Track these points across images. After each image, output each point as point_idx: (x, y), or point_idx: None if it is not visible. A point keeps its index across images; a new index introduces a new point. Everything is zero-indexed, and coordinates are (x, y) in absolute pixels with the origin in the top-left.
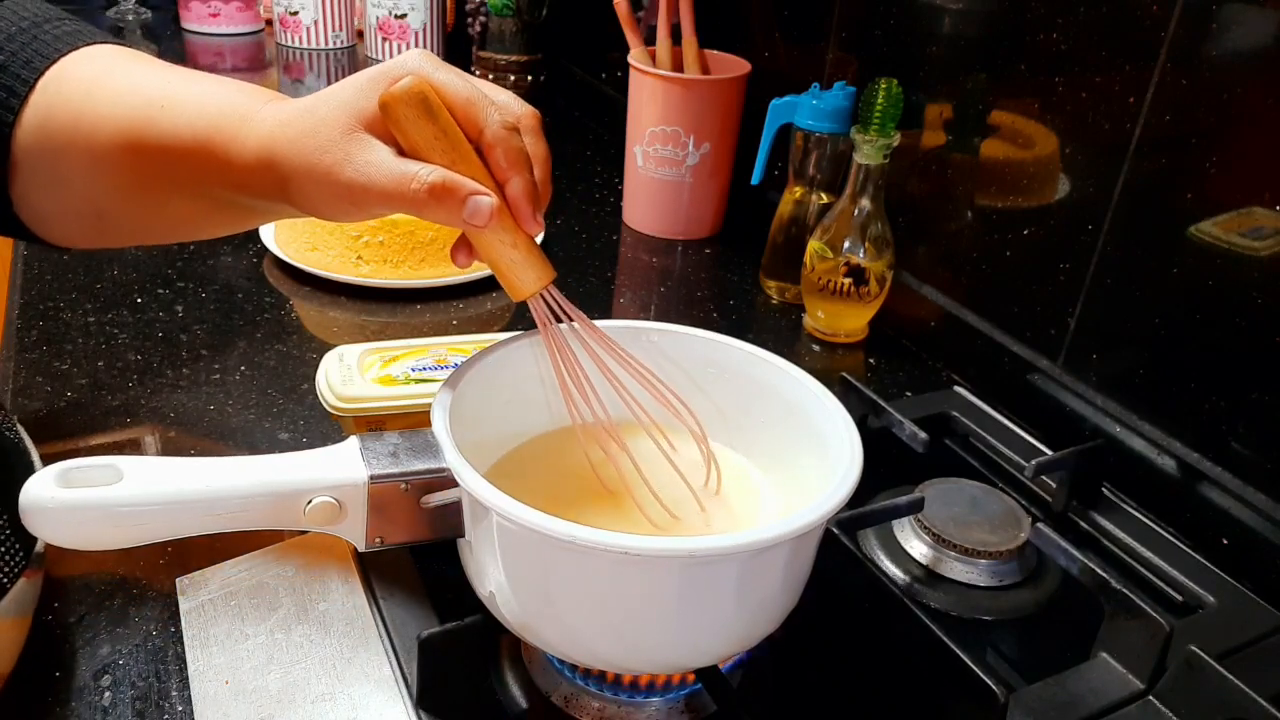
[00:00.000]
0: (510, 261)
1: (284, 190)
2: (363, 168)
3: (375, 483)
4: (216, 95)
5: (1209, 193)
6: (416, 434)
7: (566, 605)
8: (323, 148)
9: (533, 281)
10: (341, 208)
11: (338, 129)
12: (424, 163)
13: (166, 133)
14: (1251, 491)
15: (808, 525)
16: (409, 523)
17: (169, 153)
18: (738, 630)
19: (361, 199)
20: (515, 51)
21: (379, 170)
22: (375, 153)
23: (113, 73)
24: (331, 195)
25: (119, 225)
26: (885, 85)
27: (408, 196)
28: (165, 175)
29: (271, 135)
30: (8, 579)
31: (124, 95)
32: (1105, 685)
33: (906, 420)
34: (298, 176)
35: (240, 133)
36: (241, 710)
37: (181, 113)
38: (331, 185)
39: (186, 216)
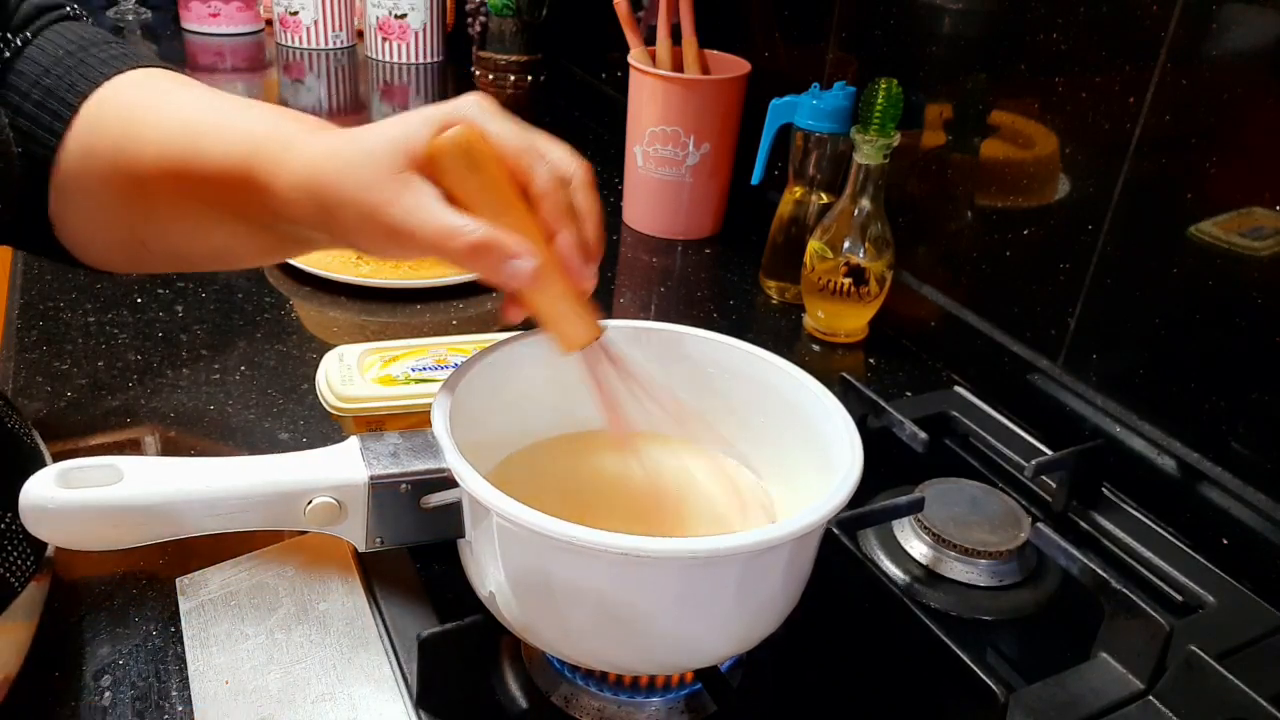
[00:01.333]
0: (556, 315)
1: (326, 221)
2: (410, 212)
3: (375, 483)
4: (261, 121)
5: (1209, 193)
6: (416, 434)
7: (566, 605)
8: (370, 184)
9: (579, 337)
10: (384, 246)
11: (386, 167)
12: (468, 216)
13: (209, 159)
14: (1251, 491)
15: (808, 526)
16: (409, 523)
17: (210, 180)
18: (738, 631)
19: (405, 242)
20: (515, 51)
21: (425, 219)
22: (422, 198)
23: (156, 98)
24: (376, 233)
25: (159, 252)
26: (885, 85)
27: (450, 251)
28: (206, 202)
29: (316, 163)
30: (19, 583)
31: (166, 121)
32: (1105, 685)
33: (906, 420)
34: (341, 209)
35: (283, 159)
36: (241, 710)
37: (224, 139)
38: (376, 224)
39: (227, 245)
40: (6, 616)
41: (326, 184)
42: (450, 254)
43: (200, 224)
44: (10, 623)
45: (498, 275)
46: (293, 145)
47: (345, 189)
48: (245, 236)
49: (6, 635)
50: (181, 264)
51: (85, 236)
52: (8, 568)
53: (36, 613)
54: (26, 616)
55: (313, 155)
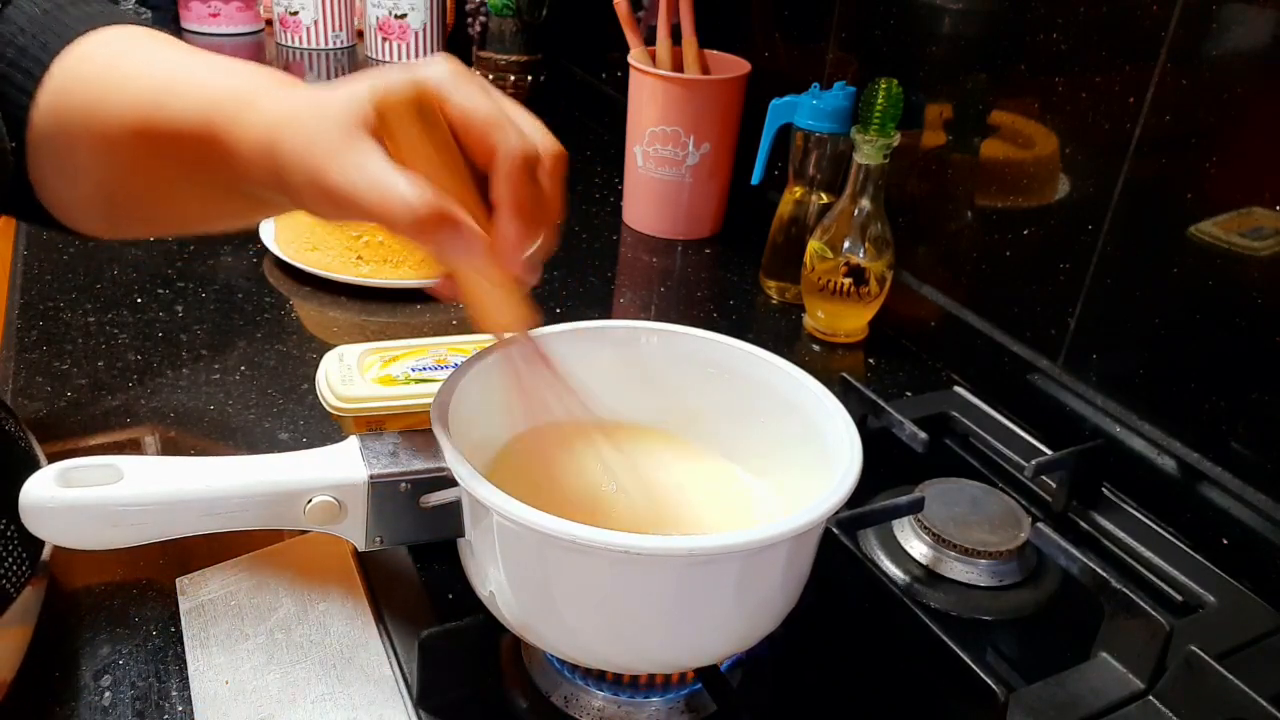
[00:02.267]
0: (481, 298)
1: (281, 181)
2: (351, 172)
3: (375, 482)
4: (223, 79)
5: (1209, 193)
6: (416, 434)
7: (566, 605)
8: (315, 142)
9: (499, 321)
10: (328, 210)
11: (337, 124)
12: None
13: (173, 118)
14: (1251, 491)
15: (807, 525)
16: (409, 522)
17: (175, 139)
18: (738, 629)
19: (346, 205)
20: (515, 51)
21: (367, 181)
22: (367, 158)
23: (127, 55)
24: (319, 196)
25: (131, 213)
26: (885, 85)
27: (390, 216)
28: (173, 162)
29: (274, 126)
30: (14, 588)
31: (135, 78)
32: (1105, 685)
33: (906, 420)
34: (289, 170)
35: (243, 118)
36: (241, 710)
37: (187, 97)
38: (318, 186)
39: (196, 206)
40: (2, 622)
41: (280, 142)
42: (391, 220)
43: (170, 185)
44: (6, 628)
45: (435, 247)
46: (254, 104)
47: (294, 149)
48: (213, 199)
49: (3, 641)
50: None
51: (63, 198)
52: (2, 573)
53: (33, 617)
54: (22, 621)
55: (273, 114)
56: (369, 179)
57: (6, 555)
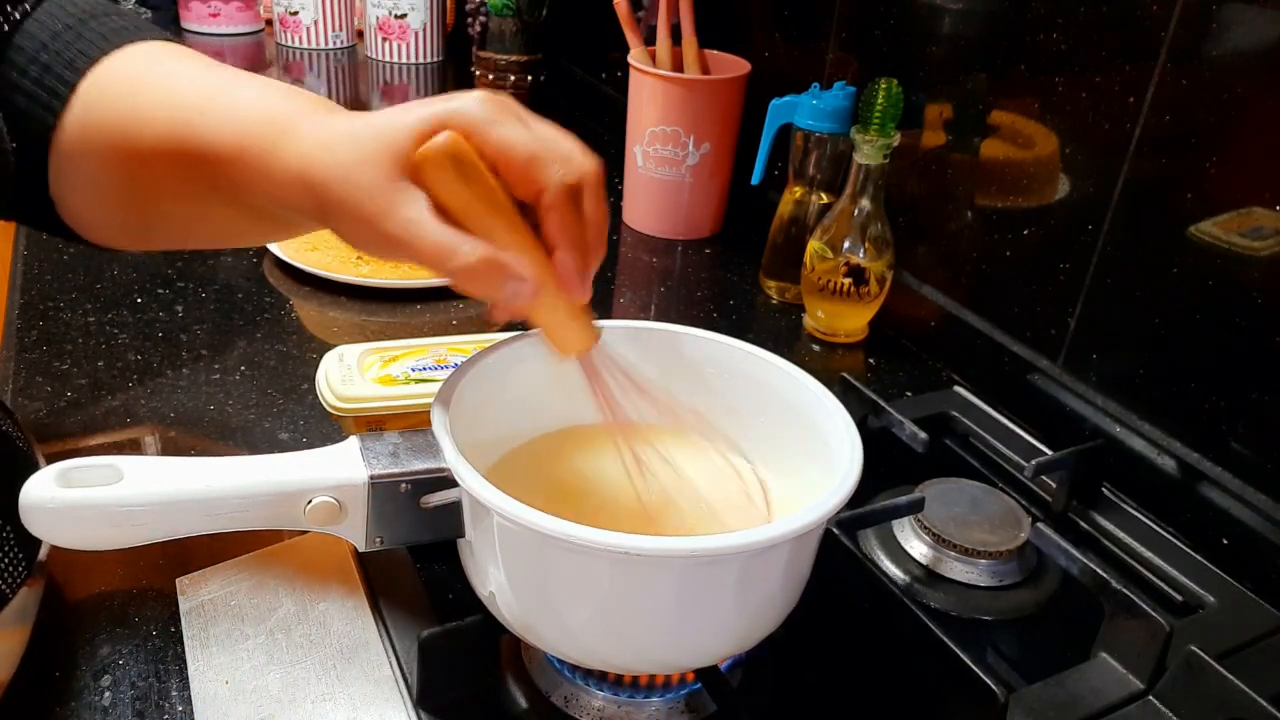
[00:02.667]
0: (553, 325)
1: (322, 214)
2: (405, 225)
3: (375, 482)
4: (258, 102)
5: (1209, 193)
6: (416, 434)
7: (566, 605)
8: (365, 190)
9: (575, 345)
10: (380, 251)
11: (381, 173)
12: (464, 234)
13: (206, 139)
14: (1251, 491)
15: (807, 525)
16: (409, 523)
17: (208, 160)
18: (738, 630)
19: (401, 253)
20: (515, 51)
21: (421, 234)
22: (419, 211)
23: (155, 74)
24: (372, 240)
25: (157, 230)
26: (885, 85)
27: (446, 272)
28: (203, 182)
29: (311, 157)
30: (9, 589)
31: (165, 98)
32: (1105, 685)
33: (906, 420)
34: (336, 210)
35: (278, 146)
36: (241, 710)
37: (221, 119)
38: (372, 232)
39: (227, 224)
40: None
41: (320, 182)
42: (446, 273)
43: (200, 204)
44: (3, 630)
45: (496, 295)
46: (287, 132)
47: (340, 192)
48: (244, 220)
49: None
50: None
51: (86, 214)
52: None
53: (30, 618)
54: (18, 622)
55: (308, 148)
56: (423, 232)
57: (2, 556)
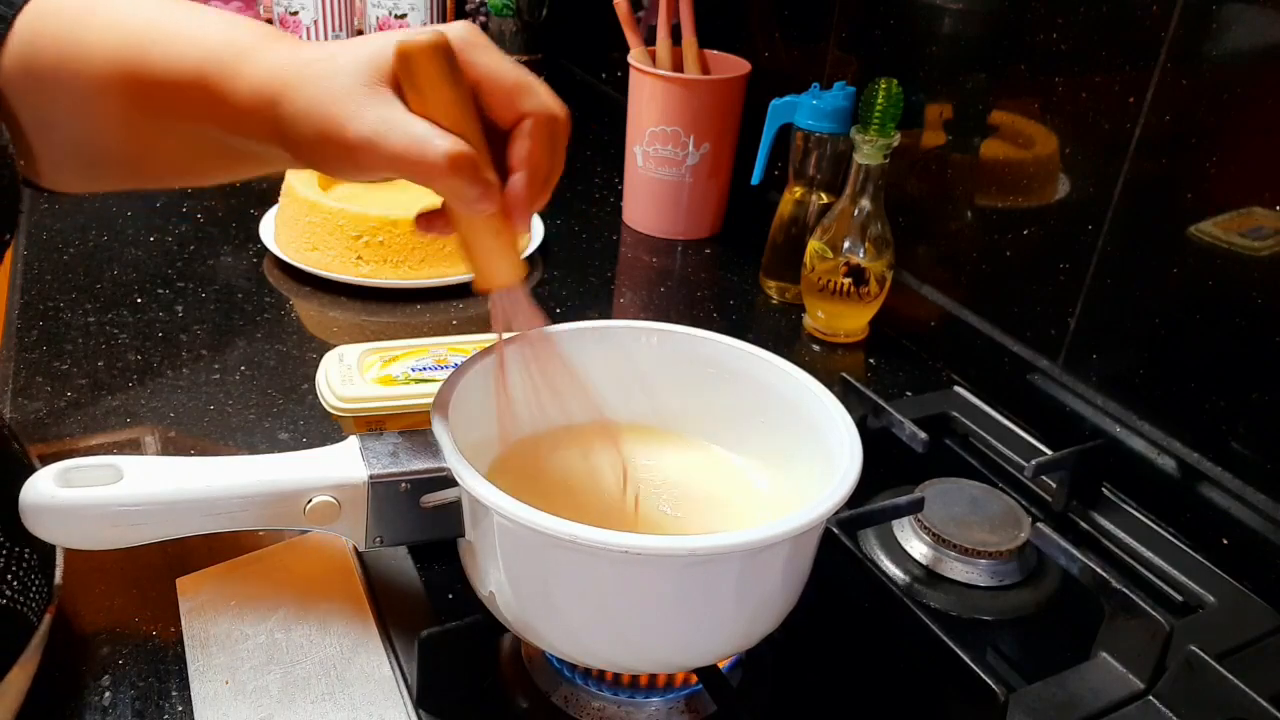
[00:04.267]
0: (487, 249)
1: (281, 134)
2: (376, 124)
3: (375, 482)
4: (217, 27)
5: (1209, 193)
6: (416, 434)
7: (567, 605)
8: (335, 96)
9: (503, 275)
10: (340, 165)
11: (356, 79)
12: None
13: (159, 65)
14: (1251, 491)
15: (807, 524)
16: (409, 522)
17: (162, 87)
18: (738, 629)
19: (367, 158)
20: (515, 51)
21: (395, 129)
22: (393, 110)
23: (97, 5)
24: (335, 149)
25: (110, 167)
26: (885, 85)
27: (422, 162)
28: (157, 111)
29: (276, 72)
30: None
31: (114, 26)
32: (1105, 685)
33: (906, 420)
34: (300, 122)
35: (241, 68)
36: (241, 710)
37: (177, 43)
38: (338, 138)
39: (178, 157)
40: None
41: (286, 94)
42: (422, 166)
43: (152, 138)
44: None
45: (465, 192)
46: (251, 53)
47: (308, 102)
48: (200, 152)
49: (24, 672)
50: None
51: (37, 156)
52: (26, 603)
53: (44, 643)
54: (38, 648)
55: (273, 64)
56: (393, 128)
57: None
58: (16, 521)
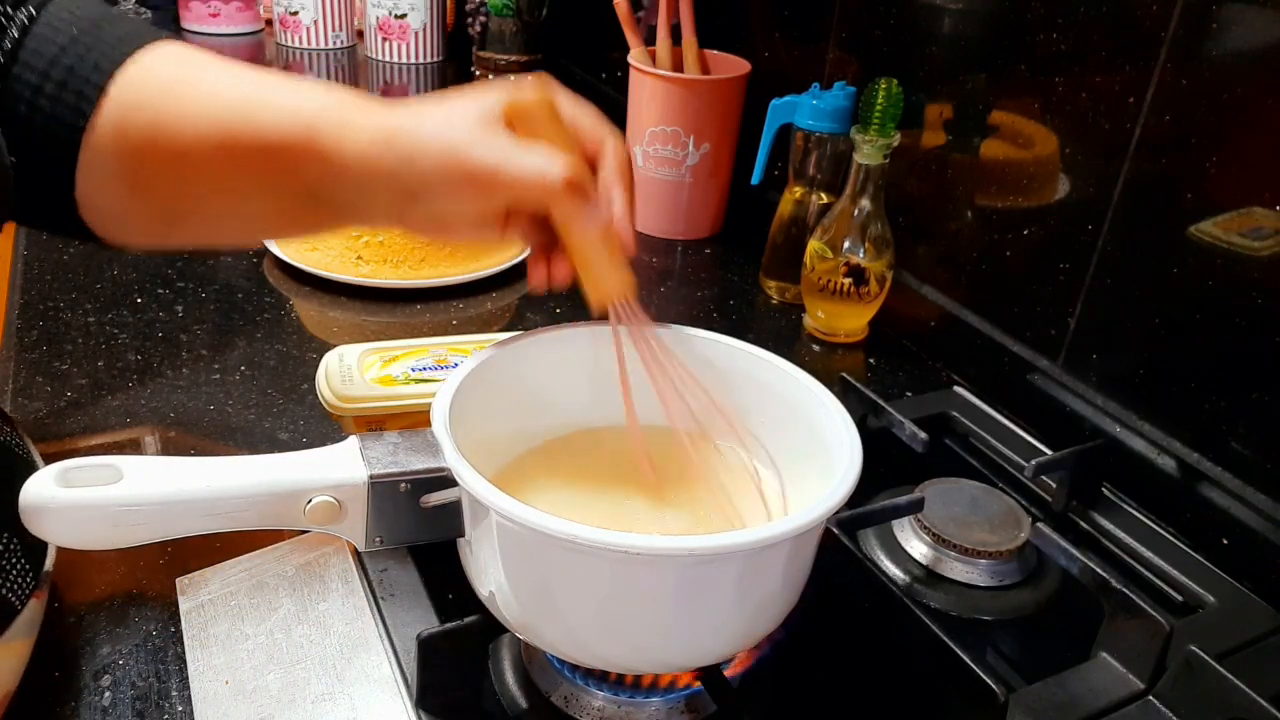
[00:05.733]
0: (603, 265)
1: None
2: (500, 149)
3: (375, 482)
4: (321, 89)
5: (1209, 193)
6: (416, 434)
7: (567, 605)
8: (457, 129)
9: (614, 289)
10: (460, 195)
11: (475, 117)
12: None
13: (269, 125)
14: (1251, 491)
15: (807, 524)
16: (409, 522)
17: (267, 148)
18: (738, 629)
19: (488, 182)
20: (515, 51)
21: (519, 153)
22: (513, 140)
23: (196, 72)
24: (454, 178)
25: (187, 226)
26: (885, 85)
27: (542, 184)
28: (254, 172)
29: (395, 117)
30: (20, 602)
31: (212, 95)
32: (1105, 685)
33: (906, 420)
34: (419, 156)
35: (354, 118)
36: (241, 710)
37: (281, 108)
38: (461, 164)
39: (263, 216)
40: (8, 636)
41: (404, 133)
42: (542, 187)
43: (242, 196)
44: (11, 641)
45: (577, 215)
46: (365, 106)
47: (428, 134)
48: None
49: (8, 653)
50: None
51: (114, 214)
52: (8, 587)
53: (35, 629)
54: (26, 633)
55: (389, 112)
56: (517, 153)
57: (12, 568)
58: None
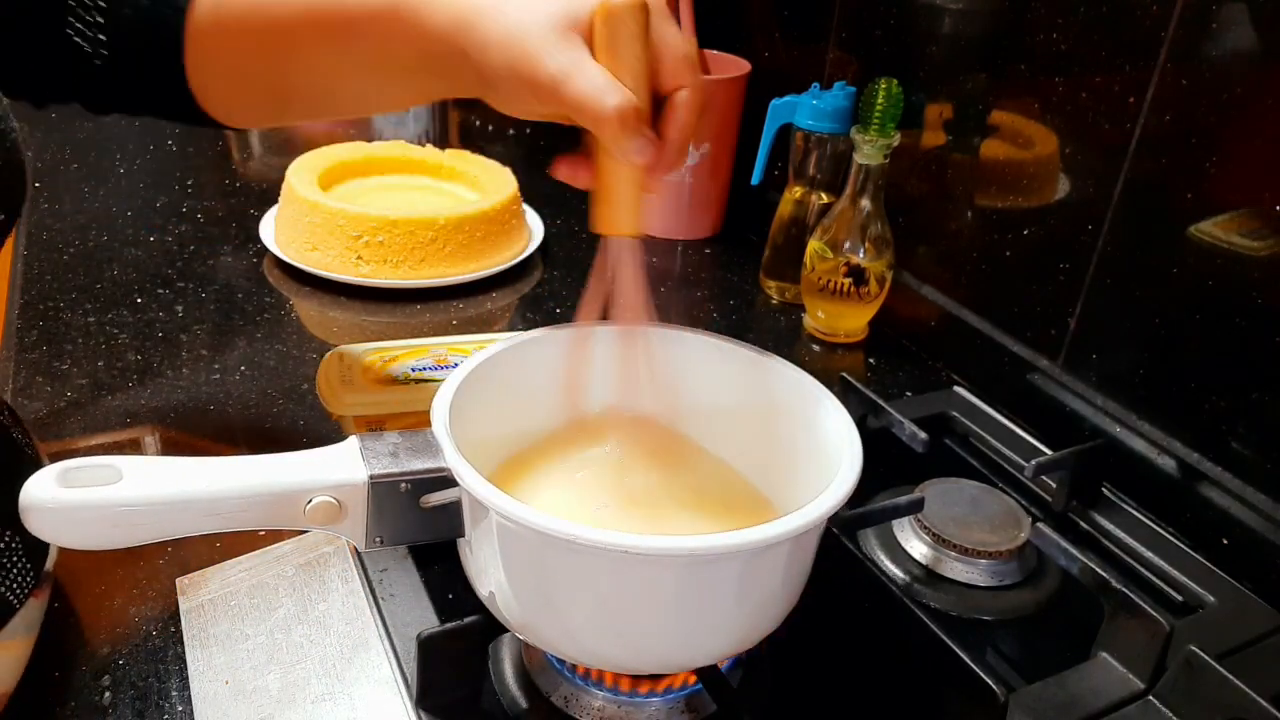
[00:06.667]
0: (621, 198)
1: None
2: (566, 64)
3: (375, 482)
4: None
5: (1209, 193)
6: (416, 434)
7: (567, 605)
8: (529, 31)
9: (626, 225)
10: (517, 96)
11: (552, 21)
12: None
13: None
14: (1251, 491)
15: (807, 525)
16: (409, 522)
17: (353, 22)
18: (739, 629)
19: (548, 94)
20: None
21: (580, 71)
22: (583, 55)
23: None
24: (519, 81)
25: (296, 103)
26: (885, 85)
27: (596, 110)
28: (347, 46)
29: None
30: (18, 600)
31: None
32: (1105, 685)
33: (906, 420)
34: (491, 50)
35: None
36: (241, 710)
37: None
38: (526, 71)
39: (369, 89)
40: (6, 633)
41: (482, 22)
42: (594, 115)
43: (341, 69)
44: (9, 639)
45: (629, 143)
46: None
47: (502, 31)
48: (387, 79)
49: (6, 652)
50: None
51: (225, 95)
52: (7, 585)
53: (36, 628)
54: (26, 632)
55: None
56: (580, 71)
57: (11, 567)
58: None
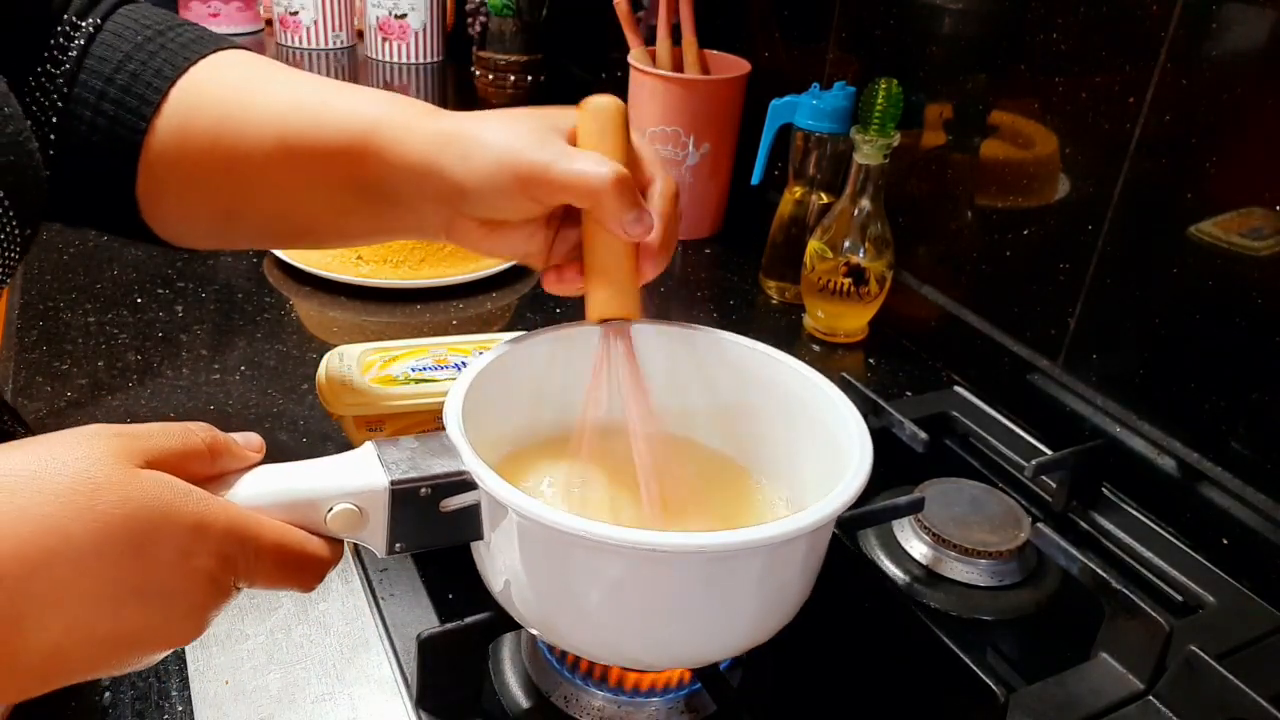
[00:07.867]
0: (612, 279)
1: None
2: (554, 152)
3: (396, 488)
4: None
5: (1209, 193)
6: (432, 437)
7: (590, 604)
8: (516, 133)
9: (619, 307)
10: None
11: (536, 126)
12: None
13: (329, 126)
14: (1251, 491)
15: (826, 518)
16: (429, 527)
17: (323, 152)
18: (757, 623)
19: (539, 179)
20: (515, 51)
21: (570, 156)
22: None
23: (259, 76)
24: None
25: (249, 227)
26: (885, 85)
27: (591, 181)
28: (312, 176)
29: (458, 121)
30: None
31: (274, 99)
32: (1105, 685)
33: (906, 420)
34: (475, 155)
35: (418, 121)
36: (241, 710)
37: (341, 111)
38: (511, 162)
39: (319, 218)
40: None
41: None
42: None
43: (299, 199)
44: None
45: (615, 217)
46: (429, 113)
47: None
48: (347, 208)
49: None
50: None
51: (175, 216)
52: None
53: None
54: None
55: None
56: (569, 155)
57: None
58: None
